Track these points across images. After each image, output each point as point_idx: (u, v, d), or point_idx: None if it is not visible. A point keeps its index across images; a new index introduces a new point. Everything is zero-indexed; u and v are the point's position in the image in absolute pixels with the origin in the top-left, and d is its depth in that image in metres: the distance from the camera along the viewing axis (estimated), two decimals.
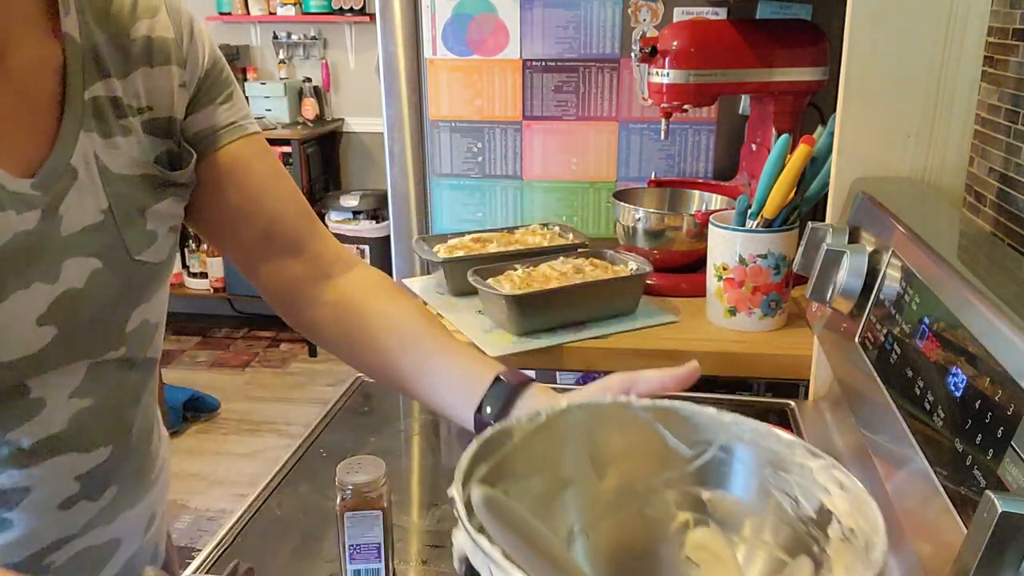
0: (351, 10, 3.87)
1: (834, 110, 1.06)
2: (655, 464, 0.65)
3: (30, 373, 0.66)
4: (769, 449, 0.62)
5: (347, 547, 0.77)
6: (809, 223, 1.03)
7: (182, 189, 0.76)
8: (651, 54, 1.47)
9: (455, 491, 0.52)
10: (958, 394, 0.64)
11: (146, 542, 0.83)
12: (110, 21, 0.71)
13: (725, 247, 1.34)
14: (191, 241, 4.12)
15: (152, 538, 0.84)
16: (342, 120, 4.19)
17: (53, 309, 0.66)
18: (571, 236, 1.61)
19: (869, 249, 0.90)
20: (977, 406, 0.60)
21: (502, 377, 0.78)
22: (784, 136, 1.31)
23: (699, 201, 1.68)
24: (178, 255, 4.14)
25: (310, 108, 4.01)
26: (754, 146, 1.65)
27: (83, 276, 0.68)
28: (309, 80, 4.05)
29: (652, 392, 0.74)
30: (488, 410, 0.76)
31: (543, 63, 1.79)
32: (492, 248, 1.54)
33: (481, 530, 0.48)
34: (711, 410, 0.64)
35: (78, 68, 0.68)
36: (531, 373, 1.67)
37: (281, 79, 4.07)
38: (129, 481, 0.78)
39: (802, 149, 1.26)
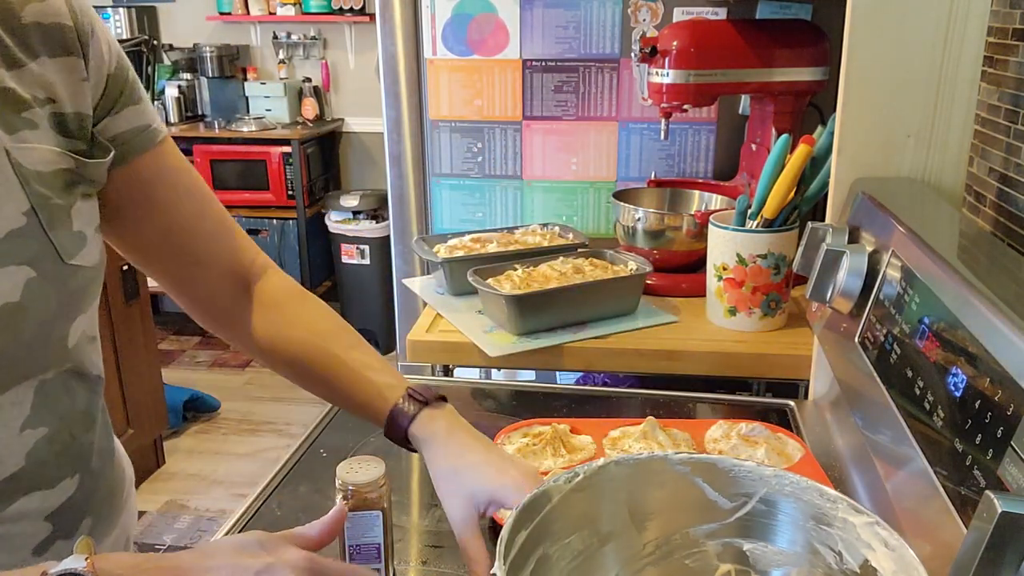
0: (351, 10, 3.87)
1: (834, 110, 1.06)
2: (695, 517, 0.66)
3: None
4: (811, 503, 0.63)
5: (347, 547, 0.77)
6: (809, 223, 1.03)
7: (92, 187, 0.69)
8: (651, 54, 1.47)
9: (498, 571, 0.53)
10: (958, 394, 0.64)
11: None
12: None
13: (725, 247, 1.34)
14: None
15: None
16: (342, 120, 4.19)
17: None
18: (571, 236, 1.60)
19: (869, 249, 0.90)
20: (977, 406, 0.60)
21: (411, 395, 0.82)
22: (784, 136, 1.31)
23: (699, 201, 1.68)
24: None
25: (310, 108, 4.01)
26: (754, 146, 1.65)
27: (17, 287, 0.60)
28: (309, 80, 4.05)
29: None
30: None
31: (543, 63, 1.79)
32: (492, 248, 1.54)
33: None
34: (750, 464, 0.65)
35: None
36: (531, 374, 1.68)
37: (281, 79, 4.07)
38: (103, 508, 0.74)
39: (802, 149, 1.26)
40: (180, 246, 0.79)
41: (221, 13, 4.03)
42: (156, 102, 3.82)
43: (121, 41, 3.08)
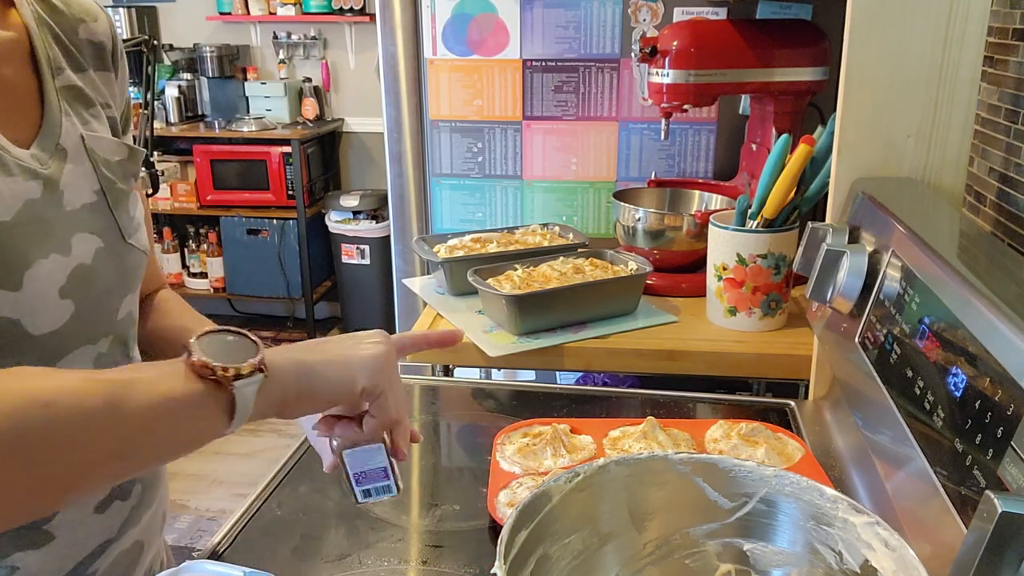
0: (351, 10, 3.87)
1: (834, 110, 1.06)
2: (695, 517, 0.66)
3: (54, 356, 0.65)
4: (811, 503, 0.63)
5: (352, 476, 0.72)
6: (809, 223, 1.03)
7: (136, 181, 0.77)
8: (651, 54, 1.47)
9: (498, 570, 0.53)
10: (958, 394, 0.64)
11: (160, 544, 0.83)
12: (58, 17, 0.72)
13: (725, 247, 1.34)
14: (191, 241, 4.12)
15: (162, 540, 0.84)
16: (342, 120, 4.18)
17: (72, 282, 0.66)
18: (571, 236, 1.60)
19: (869, 249, 0.90)
20: (977, 406, 0.60)
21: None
22: (784, 136, 1.31)
23: (699, 201, 1.68)
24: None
25: (310, 108, 4.01)
26: (754, 146, 1.65)
27: (90, 252, 0.68)
28: (309, 80, 4.05)
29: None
30: None
31: (543, 63, 1.79)
32: (492, 248, 1.54)
33: None
34: (751, 464, 0.65)
35: (44, 56, 0.69)
36: (531, 374, 1.68)
37: (281, 79, 4.07)
38: (148, 477, 0.78)
39: (802, 149, 1.26)
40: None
41: (221, 13, 4.03)
42: (156, 102, 3.81)
43: (121, 41, 3.08)
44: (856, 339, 0.89)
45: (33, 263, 0.62)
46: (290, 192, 3.87)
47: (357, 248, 3.89)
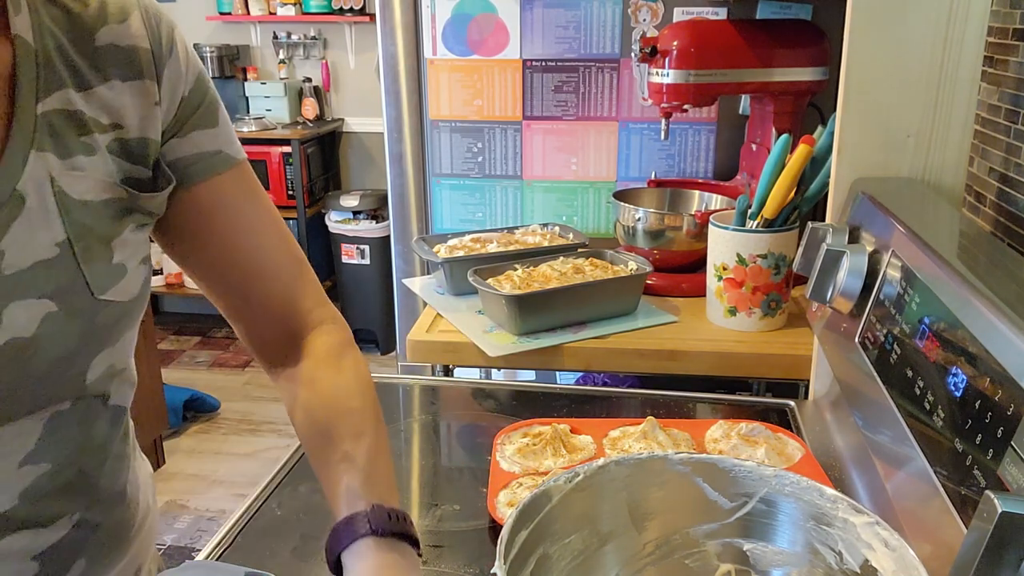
0: (351, 10, 3.87)
1: (834, 110, 1.06)
2: (695, 517, 0.66)
3: None
4: (811, 503, 0.63)
5: None
6: (809, 223, 1.03)
7: (149, 218, 0.66)
8: (651, 54, 1.47)
9: (498, 570, 0.53)
10: (958, 394, 0.64)
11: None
12: (71, 23, 0.61)
13: (725, 247, 1.34)
14: None
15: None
16: (342, 120, 4.19)
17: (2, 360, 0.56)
18: (571, 236, 1.60)
19: (869, 249, 0.90)
20: (977, 406, 0.60)
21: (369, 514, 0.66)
22: (784, 136, 1.31)
23: (699, 201, 1.68)
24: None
25: (310, 108, 4.01)
26: (754, 146, 1.65)
27: (34, 321, 0.57)
28: (309, 80, 4.05)
29: None
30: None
31: (543, 63, 1.79)
32: (492, 248, 1.54)
33: None
34: (751, 464, 0.65)
35: (30, 77, 0.58)
36: (531, 374, 1.68)
37: (281, 79, 4.07)
38: (101, 549, 0.68)
39: (802, 149, 1.26)
40: (232, 281, 0.74)
41: (221, 13, 4.03)
42: None
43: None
44: (856, 339, 0.89)
45: None
46: (290, 192, 3.87)
47: (357, 248, 3.89)
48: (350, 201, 3.85)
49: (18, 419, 0.59)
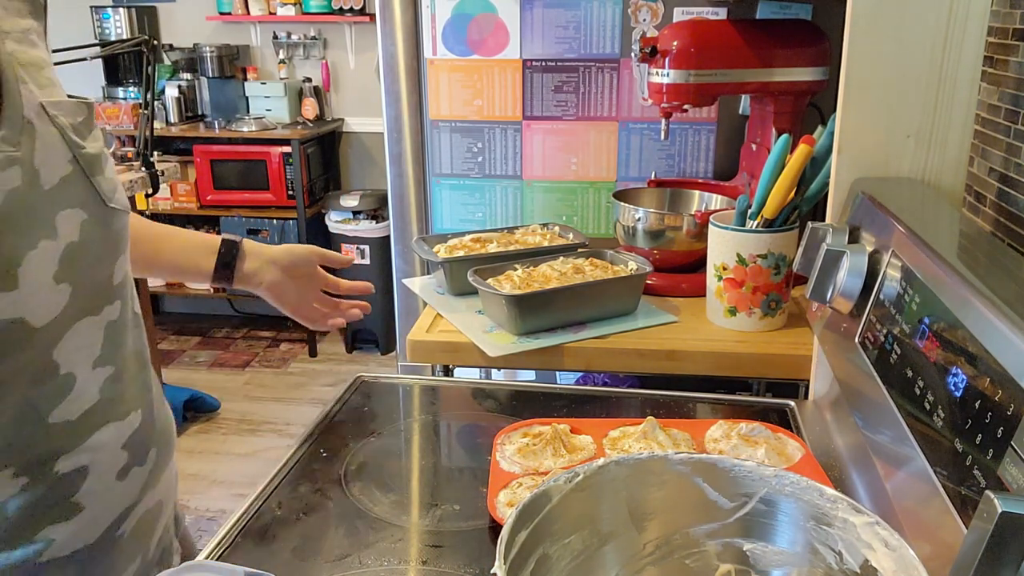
0: (351, 10, 3.87)
1: (834, 110, 1.06)
2: (695, 517, 0.66)
3: (56, 340, 0.65)
4: (811, 503, 0.63)
5: None
6: (809, 223, 1.03)
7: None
8: (651, 54, 1.47)
9: (498, 570, 0.53)
10: (958, 394, 0.64)
11: (175, 501, 0.86)
12: None
13: (725, 247, 1.34)
14: None
15: (176, 497, 0.88)
16: (342, 120, 4.19)
17: (64, 265, 0.65)
18: (571, 236, 1.60)
19: (869, 249, 0.90)
20: (977, 406, 0.60)
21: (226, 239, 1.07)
22: (784, 136, 1.31)
23: (699, 201, 1.68)
24: None
25: (310, 108, 4.01)
26: (754, 146, 1.65)
27: (76, 228, 0.66)
28: (309, 80, 4.05)
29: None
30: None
31: (543, 63, 1.79)
32: (492, 248, 1.54)
33: None
34: (751, 463, 0.65)
35: None
36: (531, 374, 1.68)
37: (281, 79, 4.07)
38: (162, 441, 0.80)
39: (802, 149, 1.26)
40: None
41: (221, 13, 4.03)
42: (156, 102, 3.81)
43: (121, 41, 3.07)
44: (856, 339, 0.89)
45: (24, 258, 0.61)
46: (290, 192, 3.87)
47: (357, 248, 3.89)
48: (350, 201, 3.85)
49: (78, 320, 0.67)
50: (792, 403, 1.17)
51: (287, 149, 3.82)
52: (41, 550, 0.66)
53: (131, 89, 4.06)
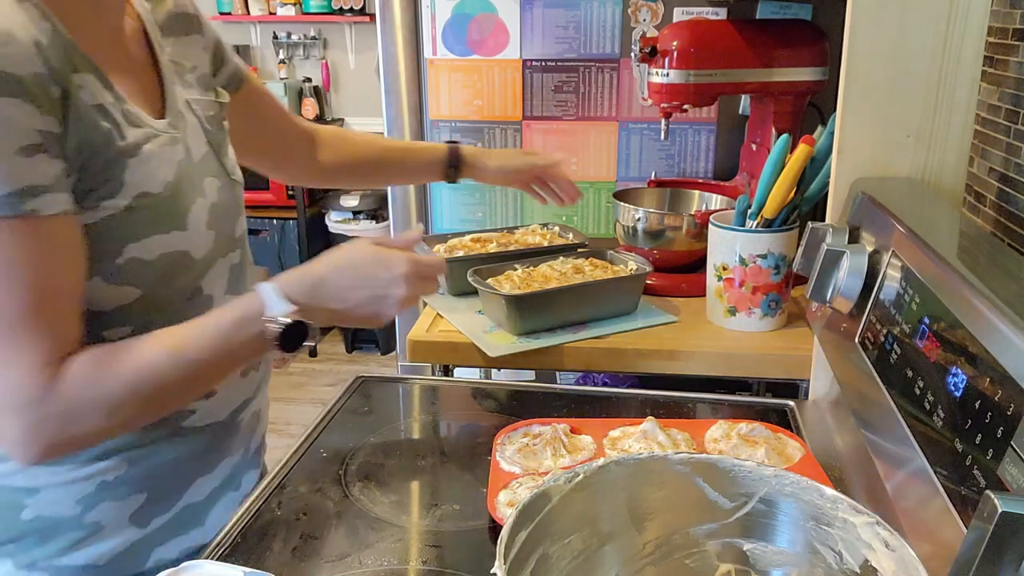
0: (351, 10, 3.87)
1: (834, 110, 1.06)
2: (695, 517, 0.66)
3: (204, 271, 0.87)
4: (811, 503, 0.63)
5: None
6: (809, 223, 1.03)
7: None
8: (651, 54, 1.47)
9: (498, 570, 0.53)
10: (958, 394, 0.64)
11: (267, 421, 1.08)
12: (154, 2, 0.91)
13: (725, 247, 1.34)
14: None
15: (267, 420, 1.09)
16: (342, 120, 4.19)
17: (212, 217, 0.87)
18: (571, 236, 1.60)
19: (869, 249, 0.90)
20: (977, 406, 0.60)
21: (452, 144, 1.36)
22: (784, 136, 1.31)
23: (699, 201, 1.68)
24: None
25: (310, 108, 4.01)
26: (754, 146, 1.65)
27: (215, 191, 0.89)
28: (309, 80, 4.05)
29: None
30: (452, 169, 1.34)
31: (543, 63, 1.79)
32: (492, 248, 1.54)
33: None
34: (751, 464, 0.65)
35: (155, 36, 0.88)
36: (531, 374, 1.68)
37: (281, 79, 4.07)
38: (265, 358, 1.01)
39: (802, 149, 1.26)
40: (276, 130, 1.18)
41: (221, 13, 4.04)
42: None
43: None
44: (856, 339, 0.89)
45: (191, 207, 0.84)
46: (290, 192, 3.87)
47: None
48: (350, 201, 3.85)
49: (216, 261, 0.89)
50: (792, 403, 1.17)
51: None
52: (185, 418, 0.87)
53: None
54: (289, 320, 0.80)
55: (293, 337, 0.80)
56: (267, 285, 0.81)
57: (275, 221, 3.95)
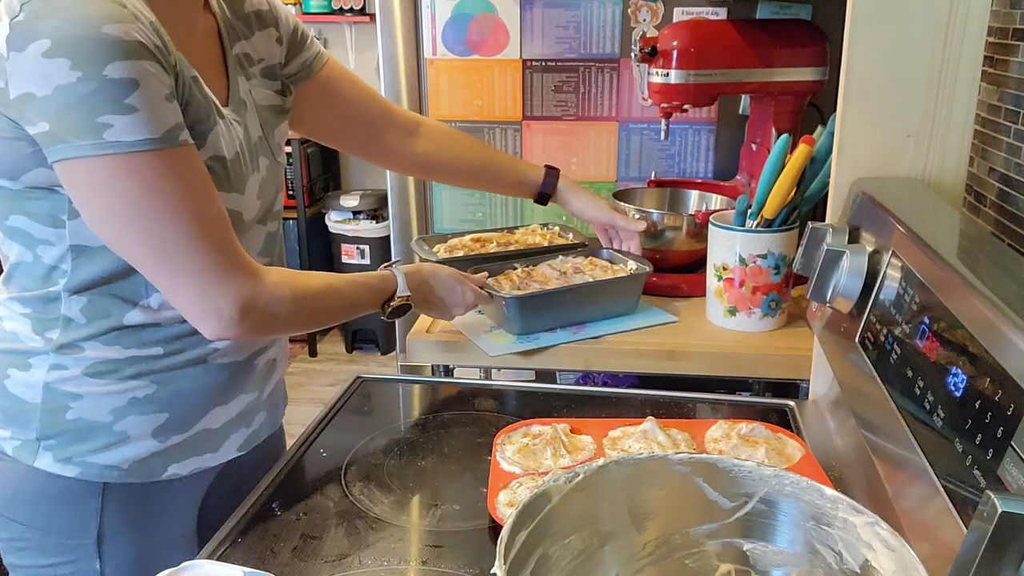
0: (351, 10, 3.87)
1: (834, 110, 1.06)
2: (695, 517, 0.66)
3: (246, 232, 0.98)
4: (811, 503, 0.63)
5: None
6: (809, 223, 1.03)
7: (286, 115, 1.10)
8: (651, 54, 1.47)
9: (498, 570, 0.53)
10: (958, 394, 0.64)
11: (284, 370, 1.15)
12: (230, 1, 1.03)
13: (725, 247, 1.34)
14: None
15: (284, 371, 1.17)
16: None
17: (260, 189, 1.00)
18: (571, 236, 1.60)
19: (869, 249, 0.90)
20: (977, 406, 0.60)
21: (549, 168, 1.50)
22: (784, 136, 1.31)
23: (699, 201, 1.68)
24: None
25: None
26: (754, 146, 1.65)
27: (265, 169, 1.02)
28: None
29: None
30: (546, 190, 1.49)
31: (543, 63, 1.79)
32: (492, 248, 1.54)
33: None
34: (751, 464, 0.65)
35: (226, 33, 0.99)
36: (531, 373, 1.68)
37: None
38: None
39: (802, 149, 1.26)
40: (359, 115, 1.27)
41: None
42: None
43: None
44: (856, 339, 0.89)
45: (248, 177, 0.97)
46: (290, 192, 3.87)
47: (357, 248, 3.89)
48: (350, 201, 3.85)
49: (262, 224, 1.03)
50: (792, 403, 1.17)
51: (287, 149, 3.81)
52: (209, 353, 0.97)
53: None
54: (403, 299, 1.12)
55: (398, 310, 1.13)
56: (399, 273, 1.12)
57: None
